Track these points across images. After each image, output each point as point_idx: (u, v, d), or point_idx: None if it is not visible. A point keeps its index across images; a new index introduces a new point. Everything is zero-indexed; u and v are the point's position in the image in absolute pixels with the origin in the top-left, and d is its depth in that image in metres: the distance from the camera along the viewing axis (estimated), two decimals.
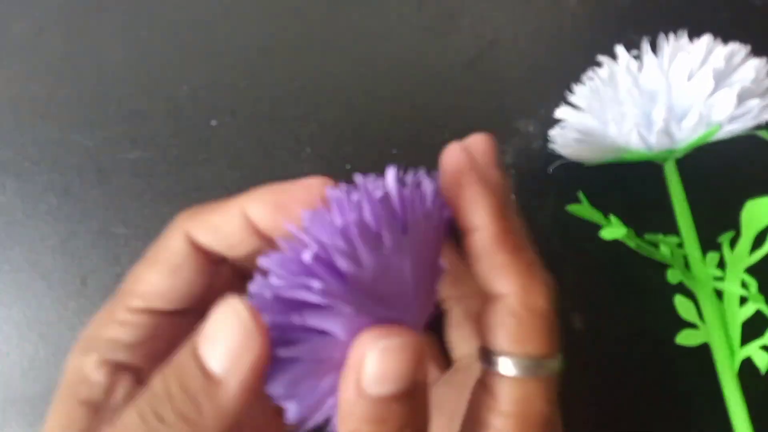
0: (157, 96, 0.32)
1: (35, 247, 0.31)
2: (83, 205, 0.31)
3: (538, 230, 0.31)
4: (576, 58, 0.32)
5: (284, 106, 0.32)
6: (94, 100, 0.32)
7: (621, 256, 0.30)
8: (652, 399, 0.29)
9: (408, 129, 0.32)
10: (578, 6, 0.33)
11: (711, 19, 0.33)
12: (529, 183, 0.31)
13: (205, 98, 0.32)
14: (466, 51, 0.33)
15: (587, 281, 0.30)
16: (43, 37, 0.33)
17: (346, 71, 0.33)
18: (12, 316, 0.31)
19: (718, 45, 0.26)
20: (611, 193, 0.31)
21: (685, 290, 0.28)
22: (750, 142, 0.29)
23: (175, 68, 0.33)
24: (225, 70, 0.33)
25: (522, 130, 0.32)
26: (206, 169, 0.32)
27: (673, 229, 0.28)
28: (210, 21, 0.33)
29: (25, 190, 0.32)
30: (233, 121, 0.32)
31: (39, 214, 0.31)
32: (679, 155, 0.28)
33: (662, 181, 0.29)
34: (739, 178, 0.31)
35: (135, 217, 0.31)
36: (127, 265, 0.31)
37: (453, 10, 0.33)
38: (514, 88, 0.32)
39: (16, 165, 0.32)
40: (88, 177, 0.32)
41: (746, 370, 0.27)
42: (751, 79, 0.25)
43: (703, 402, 0.29)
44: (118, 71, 0.33)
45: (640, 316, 0.30)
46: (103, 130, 0.32)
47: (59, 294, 0.31)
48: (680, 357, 0.29)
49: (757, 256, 0.26)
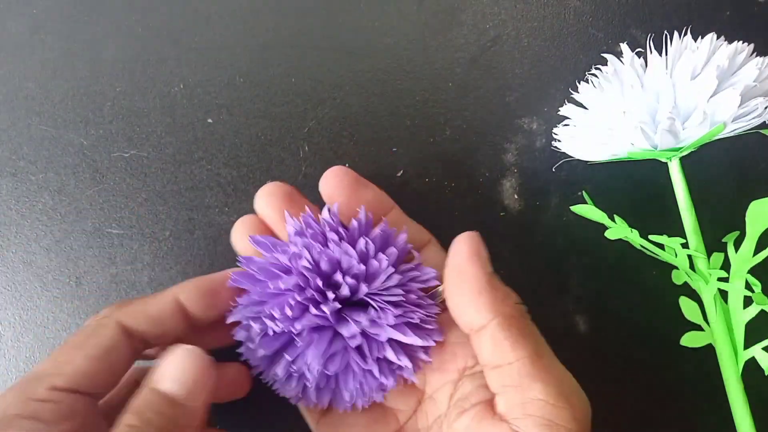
0: (152, 94, 0.32)
1: (30, 247, 0.31)
2: (78, 204, 0.31)
3: (542, 230, 0.30)
4: (579, 56, 0.32)
5: (281, 104, 0.32)
6: (89, 99, 0.32)
7: (625, 256, 0.30)
8: (657, 400, 0.29)
9: (408, 127, 0.32)
10: (581, 2, 0.33)
11: (714, 17, 0.33)
12: (533, 181, 0.31)
13: (200, 96, 0.32)
14: (468, 48, 0.32)
15: (591, 282, 0.30)
16: (38, 36, 0.33)
17: (345, 68, 0.32)
18: (7, 317, 0.31)
19: (722, 44, 0.26)
20: (615, 192, 0.30)
21: (690, 291, 0.28)
22: (754, 141, 0.29)
23: (170, 66, 0.32)
24: (221, 68, 0.32)
25: (525, 127, 0.31)
26: (202, 167, 0.31)
27: (677, 230, 0.28)
28: (205, 18, 0.33)
29: (20, 189, 0.31)
30: (229, 118, 0.32)
31: (34, 213, 0.31)
32: (683, 154, 0.27)
33: (667, 181, 0.28)
34: (744, 177, 0.31)
35: (130, 216, 0.31)
36: (122, 266, 0.31)
37: (454, 6, 0.33)
38: (517, 86, 0.32)
39: (10, 164, 0.32)
40: (83, 176, 0.31)
41: (750, 371, 0.27)
42: (755, 78, 0.25)
43: (707, 403, 0.28)
44: (114, 69, 0.32)
45: (644, 317, 0.29)
46: (98, 128, 0.32)
47: (54, 294, 0.31)
48: (684, 358, 0.29)
49: (761, 256, 0.26)
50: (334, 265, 0.24)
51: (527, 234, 0.30)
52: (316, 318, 0.23)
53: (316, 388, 0.24)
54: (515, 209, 0.31)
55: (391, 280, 0.24)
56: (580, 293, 0.30)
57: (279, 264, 0.24)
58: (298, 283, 0.23)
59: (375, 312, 0.23)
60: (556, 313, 0.29)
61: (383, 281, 0.23)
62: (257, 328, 0.23)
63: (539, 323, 0.29)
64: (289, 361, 0.23)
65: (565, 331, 0.29)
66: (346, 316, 0.23)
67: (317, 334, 0.23)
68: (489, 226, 0.30)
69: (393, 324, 0.23)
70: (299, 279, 0.23)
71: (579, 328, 0.29)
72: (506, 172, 0.31)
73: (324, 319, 0.23)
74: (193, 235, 0.31)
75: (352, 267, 0.23)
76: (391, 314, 0.23)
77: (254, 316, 0.24)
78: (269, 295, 0.24)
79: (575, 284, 0.30)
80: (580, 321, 0.29)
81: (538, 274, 0.30)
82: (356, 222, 0.25)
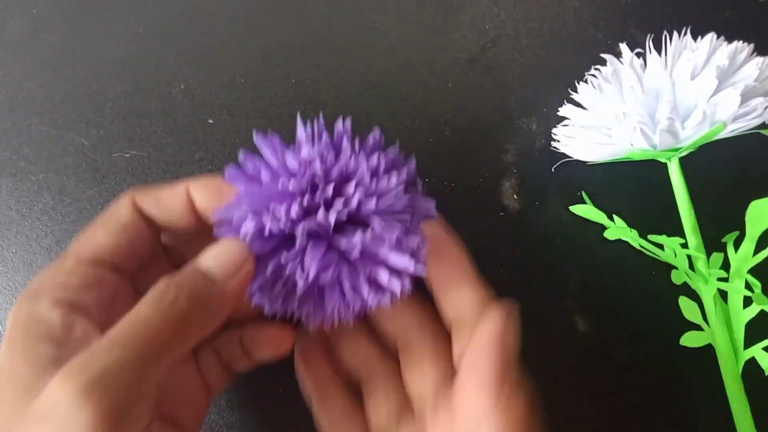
0: (153, 94, 0.32)
1: (30, 247, 0.31)
2: (79, 204, 0.31)
3: (542, 230, 0.30)
4: (579, 56, 0.32)
5: (281, 104, 0.32)
6: (90, 99, 0.32)
7: (624, 256, 0.30)
8: (656, 400, 0.29)
9: (408, 127, 0.32)
10: (581, 3, 0.33)
11: (714, 17, 0.33)
12: (532, 182, 0.31)
13: (201, 97, 0.32)
14: (468, 48, 0.33)
15: (591, 282, 0.30)
16: (39, 36, 0.33)
17: (345, 68, 0.32)
18: (7, 317, 0.31)
19: (722, 43, 0.26)
20: (615, 192, 0.30)
21: (690, 291, 0.28)
22: (754, 141, 0.29)
23: (171, 66, 0.32)
24: (221, 68, 0.32)
25: (524, 128, 0.31)
26: (203, 167, 0.31)
27: (677, 230, 0.28)
28: (206, 19, 0.33)
29: (20, 189, 0.31)
30: (230, 119, 0.32)
31: (34, 213, 0.31)
32: (683, 154, 0.27)
33: (666, 181, 0.28)
34: (744, 177, 0.31)
35: None
36: None
37: (455, 7, 0.33)
38: (517, 86, 0.32)
39: (11, 164, 0.32)
40: (83, 176, 0.31)
41: (750, 371, 0.27)
42: (755, 78, 0.25)
43: (707, 403, 0.28)
44: (114, 70, 0.33)
45: (643, 317, 0.29)
46: (98, 128, 0.32)
47: None
48: (684, 358, 0.29)
49: (761, 256, 0.26)
50: (345, 175, 0.23)
51: (527, 234, 0.30)
52: (319, 225, 0.23)
53: (300, 298, 0.23)
54: (515, 209, 0.31)
55: (400, 201, 0.24)
56: (580, 293, 0.30)
57: (286, 167, 0.23)
58: (308, 186, 0.23)
59: (377, 229, 0.23)
60: (556, 313, 0.29)
61: (391, 200, 0.23)
62: (252, 226, 0.23)
63: (539, 323, 0.29)
64: (282, 263, 0.23)
65: (565, 331, 0.29)
66: (347, 229, 0.23)
67: (313, 242, 0.23)
68: (489, 226, 0.30)
69: (393, 245, 0.23)
70: (309, 183, 0.23)
71: (579, 328, 0.29)
72: (506, 172, 0.31)
73: (326, 228, 0.23)
74: None
75: (364, 180, 0.23)
76: (395, 234, 0.23)
77: (249, 215, 0.23)
78: (270, 196, 0.23)
79: (575, 284, 0.30)
80: (580, 321, 0.29)
81: (538, 274, 0.30)
82: (372, 138, 0.25)
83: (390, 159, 0.24)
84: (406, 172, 0.24)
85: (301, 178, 0.23)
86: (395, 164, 0.25)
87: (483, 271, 0.30)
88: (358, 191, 0.23)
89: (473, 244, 0.30)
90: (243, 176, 0.24)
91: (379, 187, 0.23)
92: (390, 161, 0.24)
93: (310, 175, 0.23)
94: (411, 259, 0.23)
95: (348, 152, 0.23)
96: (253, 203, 0.23)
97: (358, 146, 0.24)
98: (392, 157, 0.25)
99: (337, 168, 0.23)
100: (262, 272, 0.23)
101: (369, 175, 0.23)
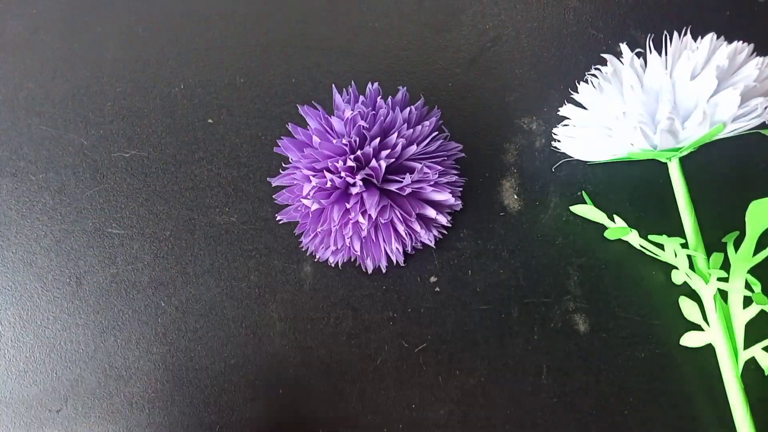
0: (152, 94, 0.32)
1: (30, 247, 0.31)
2: (79, 204, 0.31)
3: (542, 230, 0.30)
4: (579, 56, 0.32)
5: (281, 104, 0.32)
6: (90, 99, 0.32)
7: (625, 256, 0.30)
8: (657, 400, 0.29)
9: None
10: (581, 3, 0.33)
11: (714, 17, 0.33)
12: (532, 182, 0.31)
13: (201, 96, 0.32)
14: (468, 48, 0.33)
15: (591, 282, 0.30)
16: (39, 36, 0.33)
17: (346, 68, 0.32)
18: (7, 317, 0.31)
19: (722, 43, 0.26)
20: (615, 192, 0.30)
21: (690, 291, 0.28)
22: (754, 141, 0.29)
23: (170, 66, 0.32)
24: (221, 68, 0.32)
25: (525, 128, 0.31)
26: (202, 167, 0.31)
27: (677, 230, 0.28)
28: (206, 19, 0.33)
29: (20, 189, 0.31)
30: (230, 119, 0.32)
31: (34, 213, 0.31)
32: (683, 154, 0.27)
33: (667, 181, 0.28)
34: (744, 177, 0.31)
35: (131, 216, 0.31)
36: (123, 266, 0.31)
37: (455, 7, 0.33)
38: (517, 86, 0.32)
39: (11, 164, 0.32)
40: (83, 176, 0.31)
41: (750, 371, 0.27)
42: (755, 78, 0.25)
43: (707, 403, 0.28)
44: (114, 70, 0.33)
45: (644, 317, 0.29)
46: (98, 128, 0.32)
47: (54, 294, 0.31)
48: (684, 358, 0.29)
49: (761, 256, 0.26)
50: (386, 128, 0.27)
51: (527, 234, 0.30)
52: (373, 171, 0.26)
53: (362, 240, 0.27)
54: (515, 209, 0.31)
55: (433, 144, 0.27)
56: (580, 293, 0.30)
57: (333, 129, 0.27)
58: (357, 141, 0.26)
59: (420, 170, 0.26)
60: (556, 313, 0.29)
61: (427, 144, 0.27)
62: (315, 182, 0.26)
63: (539, 323, 0.29)
64: (347, 208, 0.26)
65: (565, 331, 0.29)
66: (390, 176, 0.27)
67: (368, 189, 0.26)
68: (489, 226, 0.30)
69: (435, 181, 0.27)
70: (356, 138, 0.26)
71: (579, 328, 0.29)
72: (506, 172, 0.31)
73: (378, 174, 0.26)
74: (193, 235, 0.31)
75: (402, 129, 0.27)
76: (436, 171, 0.27)
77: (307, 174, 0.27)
78: (325, 155, 0.26)
79: (575, 284, 0.30)
80: (580, 321, 0.29)
81: (538, 274, 0.30)
82: (400, 95, 0.28)
83: (420, 111, 0.28)
84: (434, 120, 0.28)
85: (349, 136, 0.26)
86: (423, 115, 0.29)
87: (483, 271, 0.30)
88: (399, 140, 0.26)
89: (473, 244, 0.30)
90: (295, 144, 0.27)
91: (416, 134, 0.27)
92: (420, 113, 0.28)
93: (356, 131, 0.26)
94: (450, 194, 0.27)
95: (384, 108, 0.27)
96: (310, 165, 0.27)
97: (390, 103, 0.27)
98: (421, 109, 0.29)
99: (377, 123, 0.26)
100: (329, 222, 0.27)
101: (406, 126, 0.27)
